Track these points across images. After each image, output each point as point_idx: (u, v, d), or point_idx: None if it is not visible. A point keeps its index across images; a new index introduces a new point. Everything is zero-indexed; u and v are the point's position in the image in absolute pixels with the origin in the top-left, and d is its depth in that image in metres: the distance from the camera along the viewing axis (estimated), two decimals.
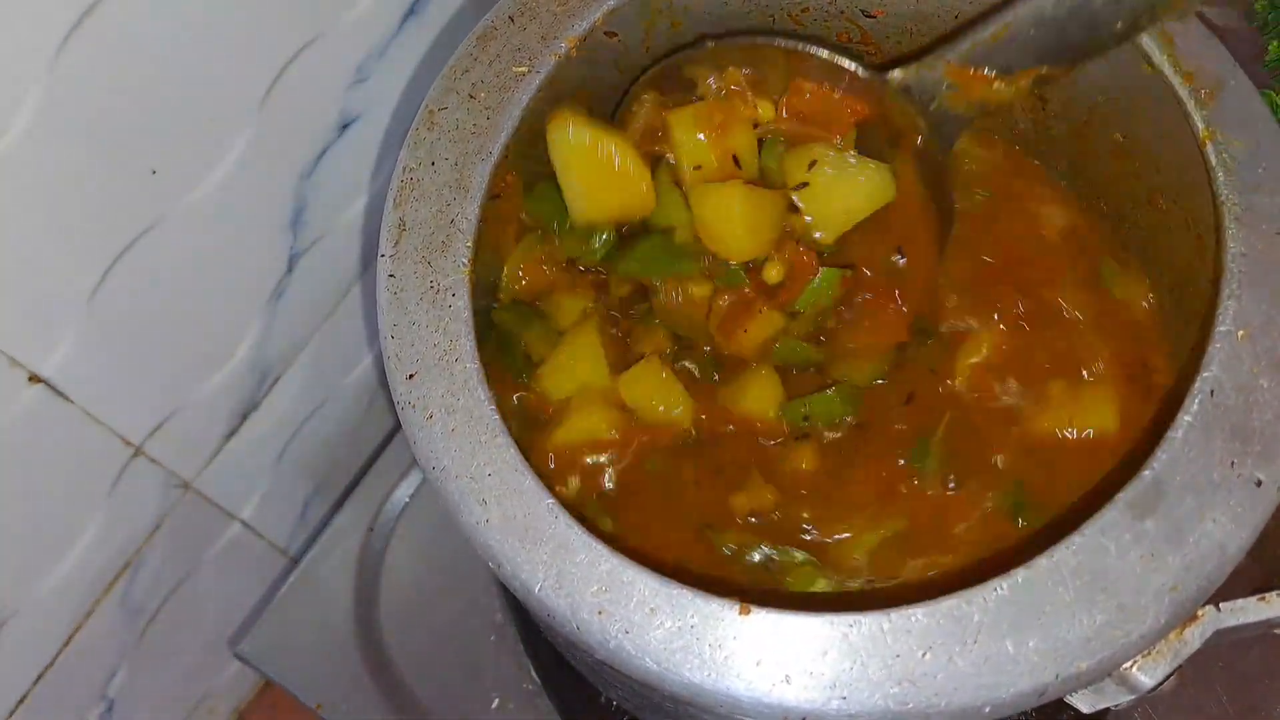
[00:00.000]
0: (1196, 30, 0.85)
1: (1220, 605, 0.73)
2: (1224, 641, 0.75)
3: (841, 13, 0.98)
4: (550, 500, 0.74)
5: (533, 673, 1.16)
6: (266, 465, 1.25)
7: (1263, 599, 0.74)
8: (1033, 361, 0.93)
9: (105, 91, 0.86)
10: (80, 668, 1.13)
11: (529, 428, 0.90)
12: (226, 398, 1.14)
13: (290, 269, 1.13)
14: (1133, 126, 0.90)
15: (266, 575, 1.35)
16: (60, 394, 0.95)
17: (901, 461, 0.91)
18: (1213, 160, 0.80)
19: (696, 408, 0.92)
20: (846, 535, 0.89)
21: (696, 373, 0.93)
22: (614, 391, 0.91)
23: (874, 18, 0.98)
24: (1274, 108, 0.99)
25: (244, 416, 1.17)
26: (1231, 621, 0.74)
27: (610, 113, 0.98)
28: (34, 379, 0.92)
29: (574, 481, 0.89)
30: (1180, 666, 0.73)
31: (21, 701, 1.08)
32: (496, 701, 1.15)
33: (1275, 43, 1.13)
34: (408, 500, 1.25)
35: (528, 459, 0.77)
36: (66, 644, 1.10)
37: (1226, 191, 0.79)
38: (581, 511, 0.87)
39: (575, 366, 0.91)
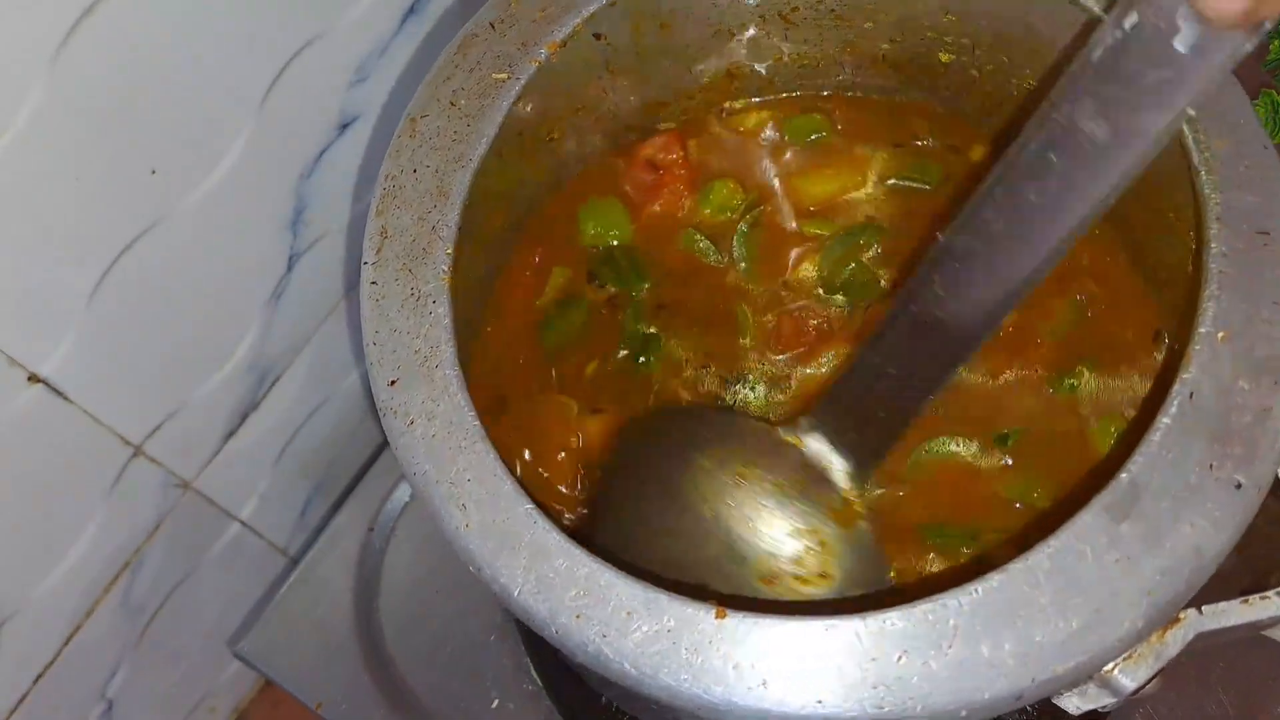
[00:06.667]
0: None
1: (1202, 608, 0.73)
2: (1214, 643, 0.75)
3: (831, 11, 0.98)
4: (529, 505, 0.74)
5: (533, 673, 1.17)
6: (266, 465, 1.26)
7: (1245, 602, 0.74)
8: None
9: (105, 91, 0.87)
10: (80, 667, 1.13)
11: None
12: (226, 398, 1.14)
13: (290, 269, 1.13)
14: None
15: (266, 575, 1.36)
16: (60, 394, 0.95)
17: None
18: (1194, 159, 0.80)
19: None
20: None
21: None
22: None
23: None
24: (1275, 107, 0.99)
25: (244, 416, 1.18)
26: (1213, 625, 0.73)
27: (601, 116, 1.00)
28: (33, 379, 0.92)
29: None
30: (1168, 668, 0.73)
31: (21, 701, 1.08)
32: (496, 701, 1.16)
33: (1276, 42, 1.13)
34: (408, 500, 1.26)
35: None
36: (66, 643, 1.10)
37: (1208, 190, 0.79)
38: None
39: None
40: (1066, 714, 0.78)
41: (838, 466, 0.89)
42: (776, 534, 0.86)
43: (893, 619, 0.68)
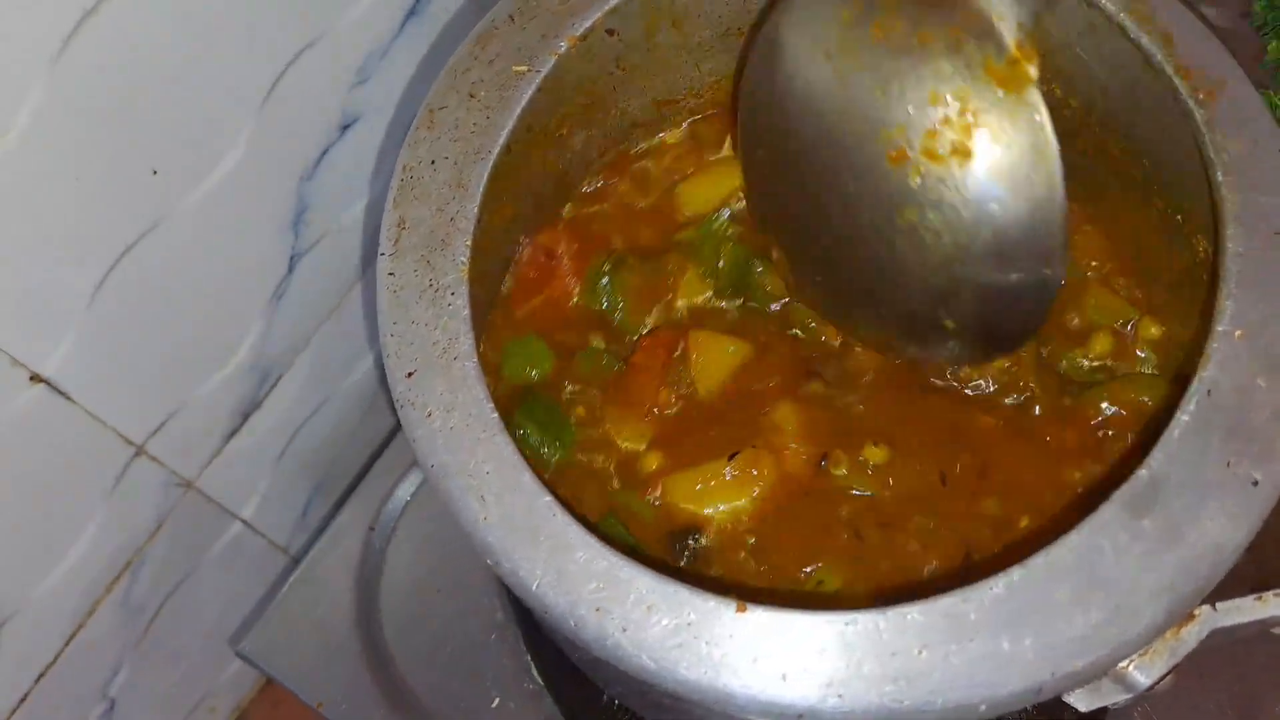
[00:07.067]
0: (1196, 30, 0.85)
1: (1216, 605, 0.73)
2: (1221, 641, 0.75)
3: None
4: (549, 498, 0.74)
5: (534, 672, 1.16)
6: (267, 465, 1.25)
7: (1259, 598, 0.74)
8: None
9: (106, 91, 0.86)
10: (81, 667, 1.13)
11: None
12: (228, 397, 1.14)
13: (291, 269, 1.13)
14: (1132, 127, 0.91)
15: (267, 574, 1.35)
16: (61, 393, 0.95)
17: None
18: (1212, 160, 0.80)
19: None
20: None
21: None
22: None
23: None
24: (1273, 108, 0.99)
25: (245, 416, 1.17)
26: (1228, 621, 0.73)
27: (610, 113, 1.00)
28: (35, 379, 0.92)
29: None
30: (1178, 665, 0.73)
31: (23, 701, 1.08)
32: (497, 701, 1.15)
33: (1275, 43, 1.13)
34: (408, 500, 1.25)
35: None
36: (68, 643, 1.10)
37: (1225, 191, 0.79)
38: None
39: None
40: (1066, 712, 0.79)
41: (1008, 14, 0.74)
42: (911, 97, 0.77)
43: (913, 613, 0.69)
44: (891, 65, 0.78)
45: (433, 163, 0.86)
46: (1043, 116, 0.74)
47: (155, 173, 0.93)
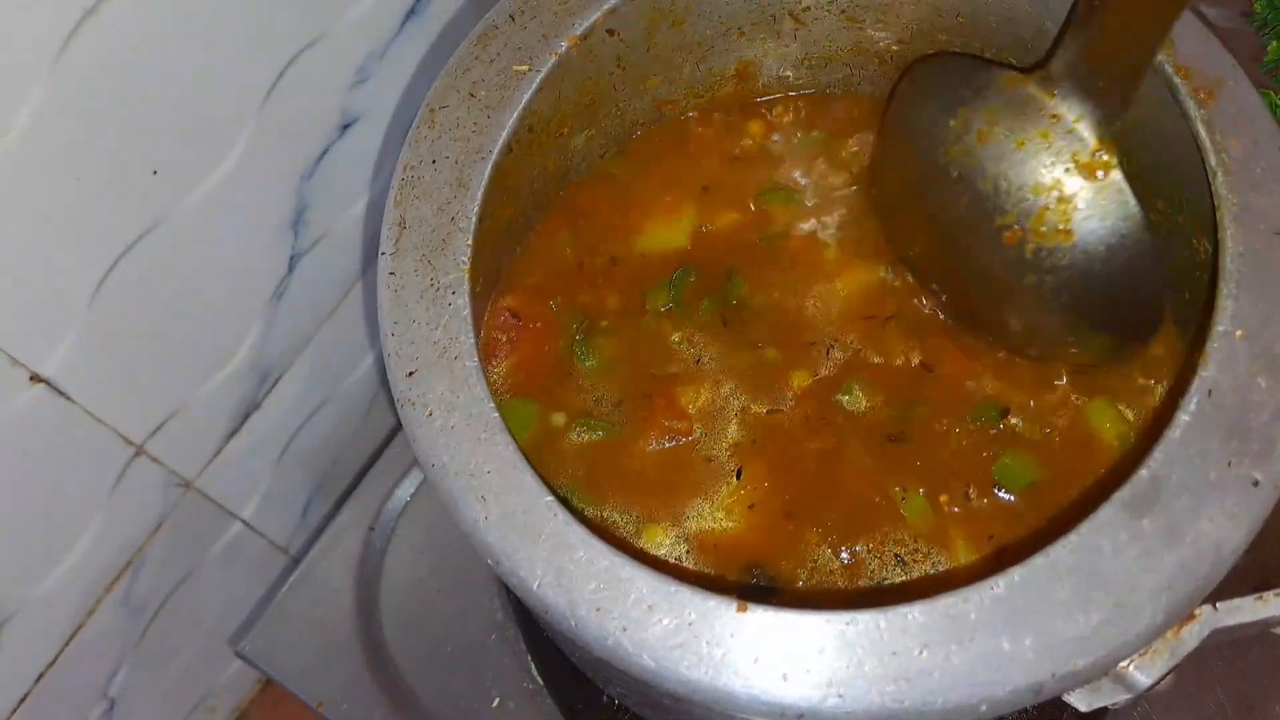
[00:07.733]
0: (1196, 30, 0.85)
1: (1217, 604, 0.73)
2: (1221, 640, 0.75)
3: (842, 12, 0.98)
4: (549, 498, 0.74)
5: (534, 672, 1.16)
6: (267, 465, 1.25)
7: (1260, 598, 0.74)
8: None
9: (107, 91, 0.86)
10: (81, 667, 1.13)
11: None
12: (228, 397, 1.14)
13: (291, 269, 1.13)
14: (1131, 127, 0.90)
15: (267, 574, 1.35)
16: (61, 393, 0.95)
17: None
18: (1211, 160, 0.80)
19: None
20: None
21: None
22: None
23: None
24: (1273, 108, 0.99)
25: (245, 416, 1.17)
26: (1228, 621, 0.73)
27: (610, 113, 1.00)
28: (35, 378, 0.92)
29: None
30: (1178, 665, 0.73)
31: (23, 701, 1.08)
32: (497, 701, 1.15)
33: (1275, 43, 1.13)
34: (408, 500, 1.25)
35: None
36: (68, 643, 1.10)
37: (1225, 191, 0.79)
38: None
39: None
40: (1065, 713, 0.79)
41: (1088, 114, 0.87)
42: (1017, 192, 0.90)
43: (914, 613, 0.68)
44: (996, 168, 0.90)
45: (434, 162, 0.86)
46: (1126, 193, 0.86)
47: (155, 173, 0.93)
